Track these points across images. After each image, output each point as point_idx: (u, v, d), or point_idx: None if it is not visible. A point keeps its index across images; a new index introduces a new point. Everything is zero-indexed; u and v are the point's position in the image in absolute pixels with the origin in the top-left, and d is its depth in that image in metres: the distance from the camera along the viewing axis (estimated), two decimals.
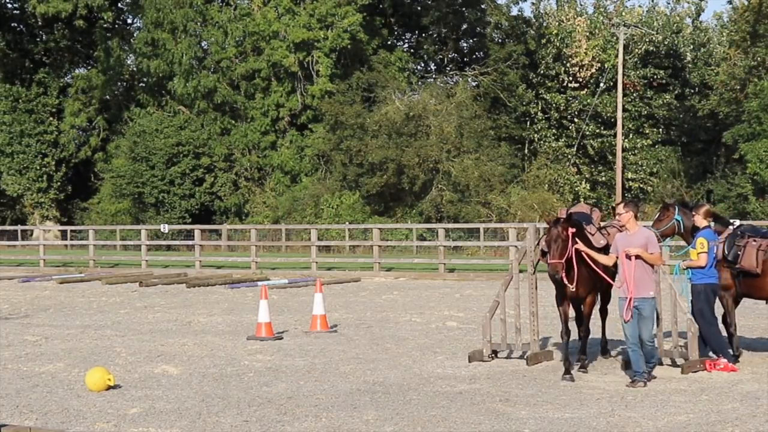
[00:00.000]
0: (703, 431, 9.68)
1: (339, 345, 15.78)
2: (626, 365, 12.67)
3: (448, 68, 57.02)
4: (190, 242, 37.24)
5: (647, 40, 54.85)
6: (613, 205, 50.59)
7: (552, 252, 12.34)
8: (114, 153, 54.51)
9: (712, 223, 13.52)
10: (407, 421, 10.26)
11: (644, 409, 10.66)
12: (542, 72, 55.12)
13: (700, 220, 13.42)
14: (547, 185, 50.91)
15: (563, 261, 12.27)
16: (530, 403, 11.14)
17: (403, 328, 17.84)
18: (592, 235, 12.95)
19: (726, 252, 13.44)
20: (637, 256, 11.79)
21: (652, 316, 11.97)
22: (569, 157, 54.84)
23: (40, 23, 57.15)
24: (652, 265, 11.96)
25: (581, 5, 59.17)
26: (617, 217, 12.43)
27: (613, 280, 12.92)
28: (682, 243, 14.58)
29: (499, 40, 55.73)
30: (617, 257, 12.11)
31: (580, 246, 12.32)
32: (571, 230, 12.27)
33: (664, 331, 13.33)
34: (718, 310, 13.69)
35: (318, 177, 50.75)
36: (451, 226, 38.38)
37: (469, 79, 54.51)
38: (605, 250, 12.77)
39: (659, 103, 54.46)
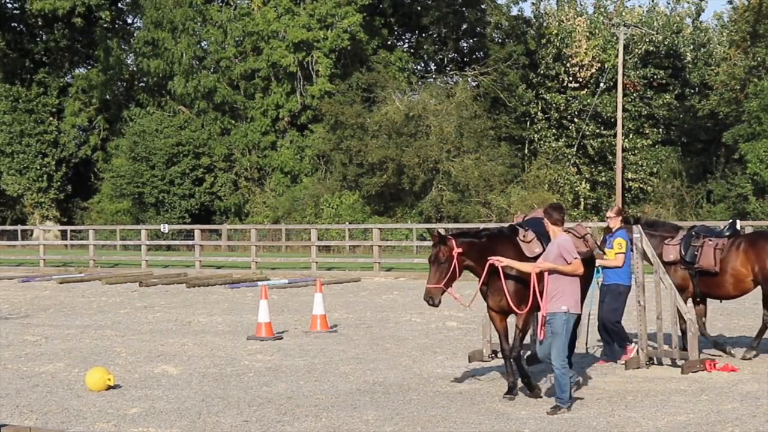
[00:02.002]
0: (703, 431, 9.68)
1: (339, 345, 15.78)
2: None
3: (448, 68, 57.00)
4: (190, 242, 37.25)
5: (647, 40, 54.82)
6: (613, 205, 50.69)
7: (430, 275, 11.00)
8: (114, 153, 54.51)
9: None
10: (407, 421, 10.26)
11: (644, 409, 10.66)
12: (542, 72, 55.10)
13: (615, 221, 13.56)
14: (547, 185, 50.91)
15: (442, 286, 10.90)
16: (530, 403, 11.14)
17: (403, 328, 17.84)
18: (527, 242, 11.48)
19: (683, 253, 13.65)
20: (550, 270, 10.50)
21: (564, 334, 10.50)
22: (569, 157, 54.82)
23: (40, 23, 57.16)
24: (580, 277, 10.62)
25: (581, 5, 59.18)
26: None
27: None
28: None
29: (499, 40, 55.70)
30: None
31: (495, 260, 10.95)
32: (457, 250, 10.92)
33: (665, 332, 13.35)
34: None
35: (318, 177, 50.74)
36: (451, 226, 38.33)
37: (469, 79, 54.48)
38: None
39: (659, 103, 54.44)
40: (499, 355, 14.29)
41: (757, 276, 13.52)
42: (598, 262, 13.01)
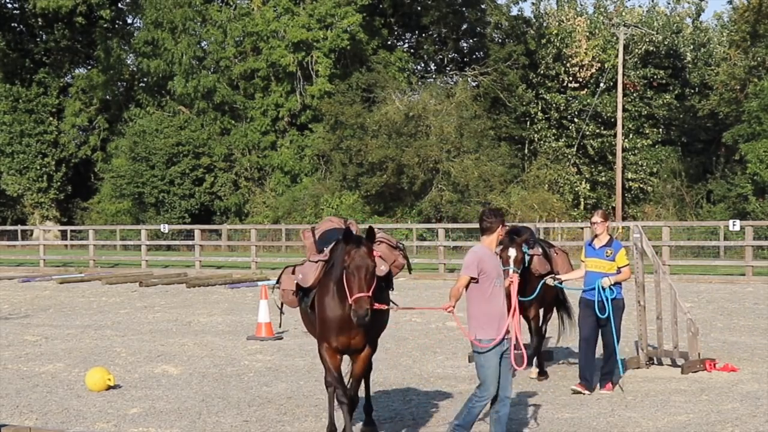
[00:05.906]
0: (703, 431, 9.67)
1: None
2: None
3: (448, 68, 57.01)
4: (190, 242, 37.25)
5: (647, 40, 54.84)
6: (613, 205, 50.67)
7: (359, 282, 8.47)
8: (114, 153, 54.53)
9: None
10: (407, 421, 10.26)
11: (644, 409, 10.66)
12: (542, 72, 55.11)
13: (602, 227, 11.66)
14: (547, 185, 50.90)
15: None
16: (530, 402, 11.14)
17: (403, 328, 17.82)
18: (330, 265, 9.04)
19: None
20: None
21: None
22: (569, 157, 54.82)
23: (40, 23, 57.15)
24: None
25: (581, 5, 59.20)
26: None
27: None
28: None
29: (499, 40, 55.72)
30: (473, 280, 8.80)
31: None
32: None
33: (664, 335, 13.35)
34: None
35: (318, 177, 50.75)
36: (450, 226, 38.35)
37: (469, 79, 54.47)
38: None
39: (659, 103, 54.45)
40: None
41: None
42: (609, 280, 11.56)
